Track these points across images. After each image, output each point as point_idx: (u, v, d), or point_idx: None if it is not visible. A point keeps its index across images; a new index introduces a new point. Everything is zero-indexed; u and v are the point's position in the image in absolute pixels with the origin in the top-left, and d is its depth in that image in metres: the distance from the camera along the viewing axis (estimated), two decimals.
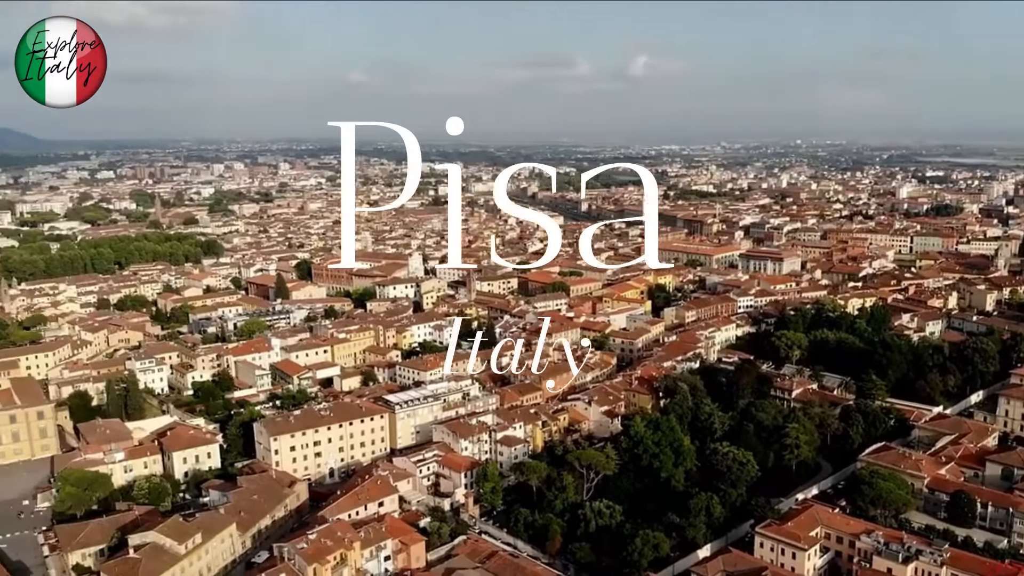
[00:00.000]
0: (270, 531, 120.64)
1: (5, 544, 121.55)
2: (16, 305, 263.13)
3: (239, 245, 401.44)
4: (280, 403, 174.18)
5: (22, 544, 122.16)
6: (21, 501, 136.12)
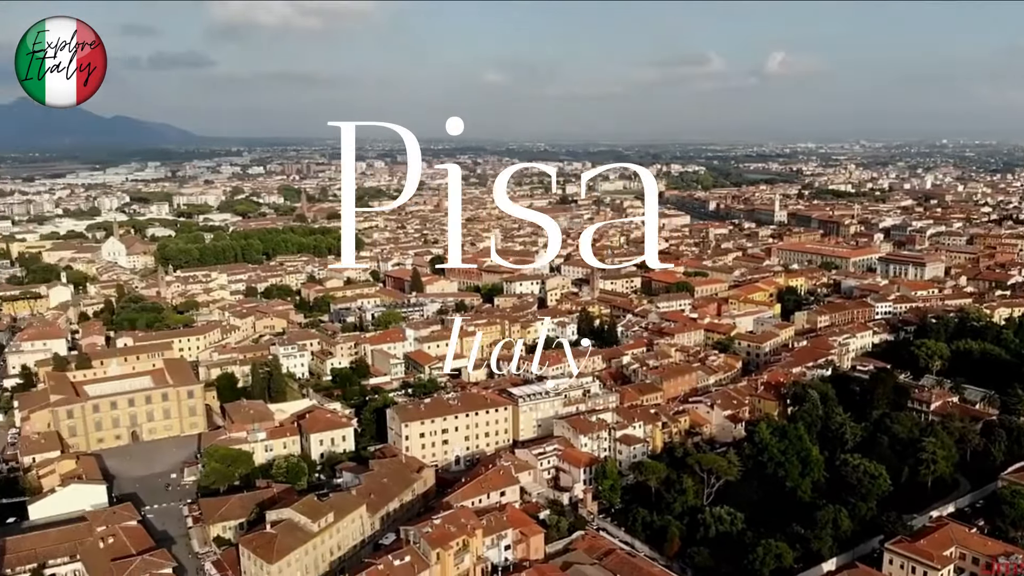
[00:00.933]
0: (398, 514, 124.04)
1: (152, 514, 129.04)
2: (172, 291, 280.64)
3: (378, 240, 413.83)
4: (412, 391, 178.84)
5: (168, 515, 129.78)
6: (169, 474, 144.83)
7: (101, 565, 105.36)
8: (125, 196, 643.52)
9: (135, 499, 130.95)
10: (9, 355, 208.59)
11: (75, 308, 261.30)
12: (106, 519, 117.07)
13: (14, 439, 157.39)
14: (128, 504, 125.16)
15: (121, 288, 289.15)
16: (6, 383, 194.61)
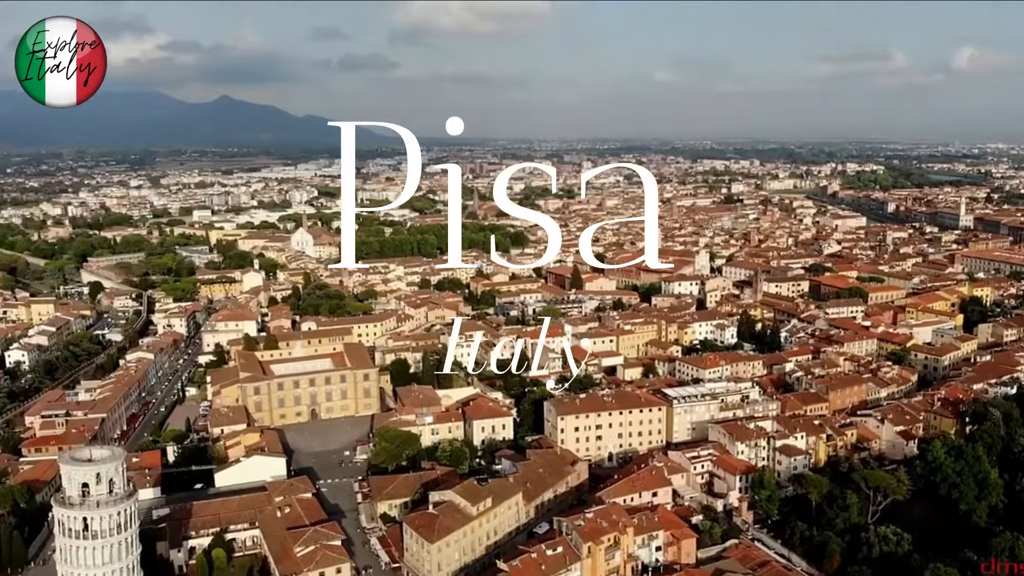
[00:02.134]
0: (551, 504, 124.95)
1: (326, 488, 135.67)
2: (353, 280, 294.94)
3: (542, 237, 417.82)
4: (568, 386, 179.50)
5: (340, 490, 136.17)
6: (343, 451, 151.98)
7: (277, 533, 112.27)
8: (314, 190, 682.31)
9: (311, 473, 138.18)
10: (205, 334, 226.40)
11: (265, 293, 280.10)
12: (284, 490, 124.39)
13: (206, 411, 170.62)
14: (304, 477, 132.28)
15: (307, 276, 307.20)
16: (201, 359, 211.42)
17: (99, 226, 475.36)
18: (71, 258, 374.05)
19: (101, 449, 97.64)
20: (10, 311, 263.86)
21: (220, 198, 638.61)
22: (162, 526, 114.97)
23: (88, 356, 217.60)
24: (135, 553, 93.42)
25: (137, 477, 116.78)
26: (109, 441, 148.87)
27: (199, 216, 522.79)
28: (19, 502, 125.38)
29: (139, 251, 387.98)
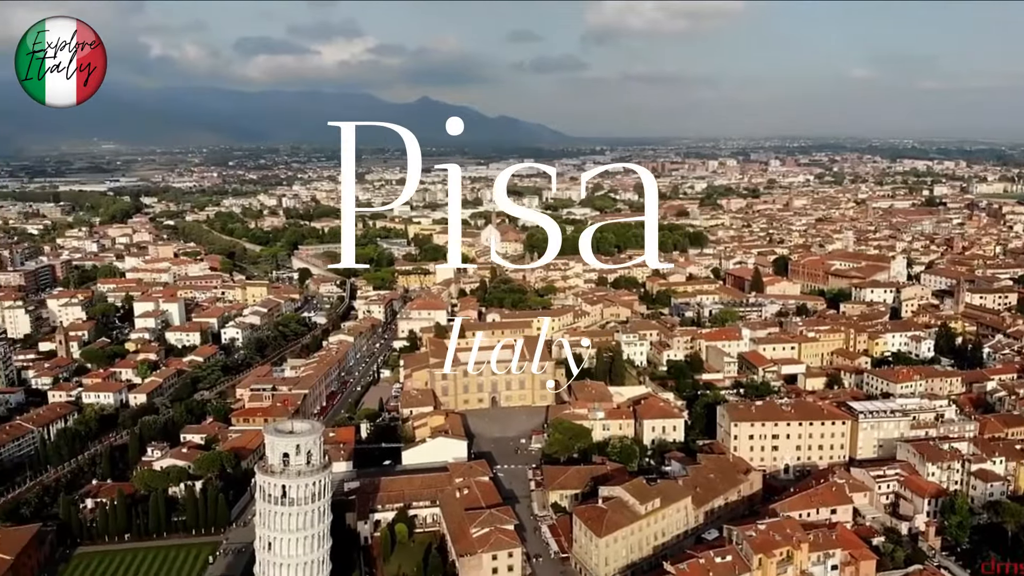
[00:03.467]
0: (721, 512, 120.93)
1: (502, 473, 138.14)
2: (535, 276, 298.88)
3: (722, 238, 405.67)
4: (743, 391, 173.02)
5: (515, 476, 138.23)
6: (519, 439, 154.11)
7: (456, 512, 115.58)
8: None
9: (489, 458, 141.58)
10: (400, 321, 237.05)
11: (456, 285, 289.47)
12: (464, 472, 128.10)
13: (397, 393, 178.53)
14: (483, 461, 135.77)
15: (494, 270, 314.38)
16: (396, 344, 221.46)
17: (309, 217, 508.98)
18: (283, 246, 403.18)
19: (302, 423, 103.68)
20: (228, 292, 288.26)
21: (418, 195, 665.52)
22: (352, 498, 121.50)
23: (295, 336, 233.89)
24: (326, 521, 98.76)
25: (332, 451, 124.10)
26: (309, 416, 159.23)
27: (399, 211, 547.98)
28: (226, 467, 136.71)
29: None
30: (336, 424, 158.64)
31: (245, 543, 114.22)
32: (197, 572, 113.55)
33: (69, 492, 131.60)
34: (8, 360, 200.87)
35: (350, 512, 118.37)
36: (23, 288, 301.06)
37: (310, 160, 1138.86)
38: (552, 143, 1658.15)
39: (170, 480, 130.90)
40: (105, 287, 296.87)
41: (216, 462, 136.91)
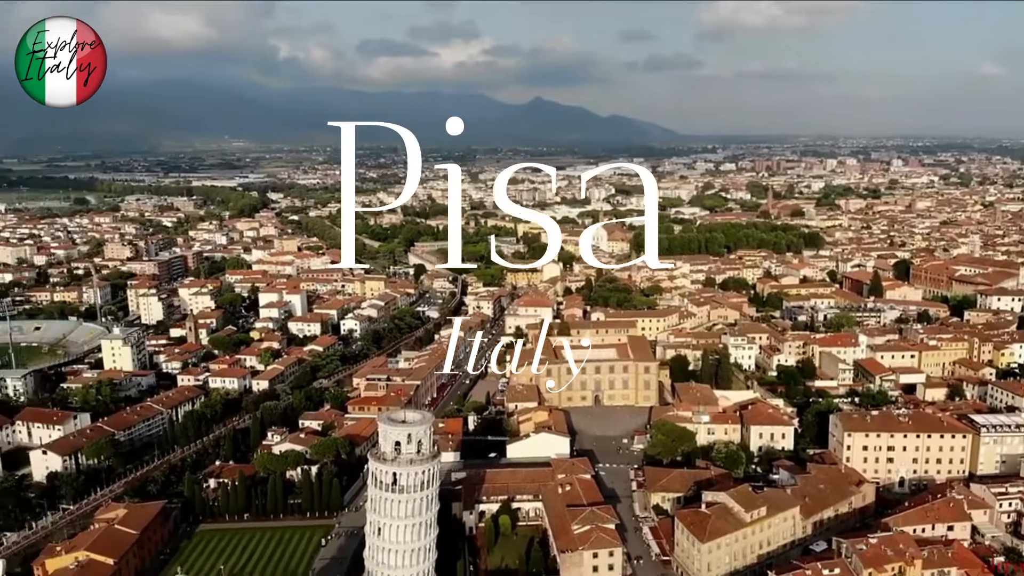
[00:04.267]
0: (831, 523, 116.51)
1: (604, 472, 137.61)
2: (641, 275, 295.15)
3: (840, 239, 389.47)
4: (858, 400, 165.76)
5: (616, 475, 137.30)
6: (621, 439, 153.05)
7: (557, 508, 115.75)
8: (611, 188, 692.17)
9: (591, 455, 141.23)
10: (508, 317, 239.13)
11: (562, 283, 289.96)
12: (566, 468, 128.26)
13: (503, 387, 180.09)
14: (585, 459, 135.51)
15: (600, 270, 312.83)
16: (503, 339, 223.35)
17: (425, 215, 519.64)
18: (400, 242, 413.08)
19: (414, 412, 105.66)
20: (347, 285, 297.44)
21: (528, 194, 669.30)
22: (458, 488, 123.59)
23: (409, 329, 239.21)
24: (434, 510, 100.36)
25: (441, 441, 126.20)
26: (421, 406, 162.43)
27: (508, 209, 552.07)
28: (341, 453, 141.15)
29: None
30: (445, 415, 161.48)
31: (356, 528, 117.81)
32: (310, 553, 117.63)
33: (194, 471, 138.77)
34: (142, 345, 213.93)
35: (456, 502, 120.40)
36: (157, 277, 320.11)
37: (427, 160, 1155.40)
38: (663, 141, 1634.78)
39: (288, 464, 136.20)
40: (233, 278, 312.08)
41: (332, 448, 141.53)
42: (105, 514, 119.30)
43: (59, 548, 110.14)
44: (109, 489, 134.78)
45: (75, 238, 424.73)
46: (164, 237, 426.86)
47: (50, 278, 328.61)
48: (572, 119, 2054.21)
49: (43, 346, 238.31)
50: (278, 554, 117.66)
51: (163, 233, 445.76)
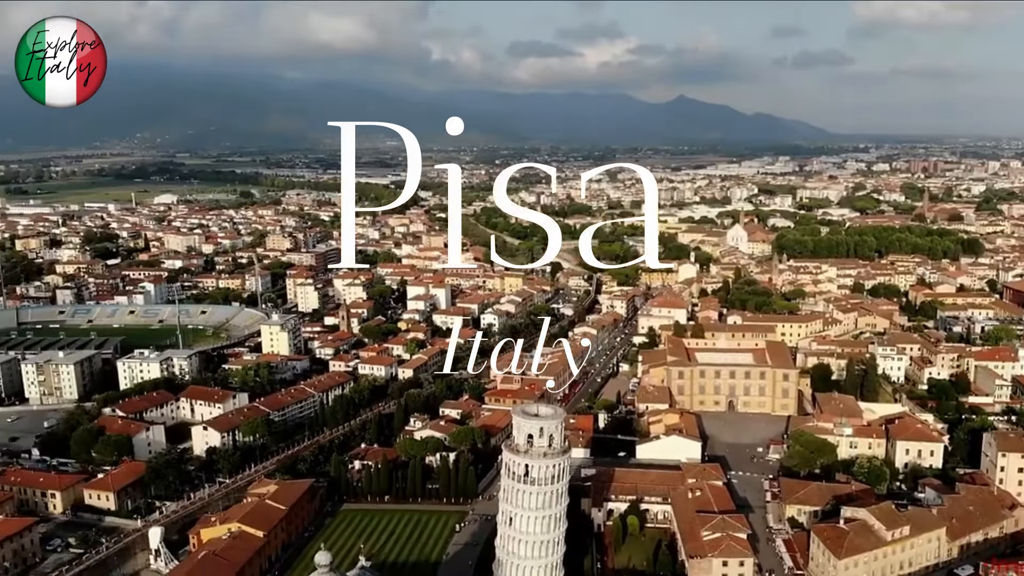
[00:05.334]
0: (979, 547, 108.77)
1: (736, 480, 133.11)
2: (782, 278, 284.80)
3: (1002, 247, 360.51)
4: (1015, 419, 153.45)
5: (749, 484, 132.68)
6: (756, 447, 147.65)
7: (687, 513, 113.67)
8: (754, 187, 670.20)
9: (723, 462, 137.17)
10: (641, 317, 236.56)
11: (697, 284, 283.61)
12: (697, 473, 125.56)
13: (634, 387, 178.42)
14: (717, 465, 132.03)
15: (738, 271, 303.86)
16: (635, 340, 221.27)
17: (564, 214, 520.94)
18: (538, 240, 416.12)
19: (547, 407, 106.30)
20: (488, 281, 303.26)
21: (666, 193, 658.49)
22: (588, 484, 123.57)
23: None
24: (563, 504, 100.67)
25: (572, 437, 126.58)
26: (553, 401, 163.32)
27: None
28: (477, 442, 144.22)
29: (594, 238, 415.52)
30: (576, 412, 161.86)
31: (489, 515, 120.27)
32: (445, 537, 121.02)
33: (340, 453, 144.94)
34: (298, 331, 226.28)
35: (585, 498, 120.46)
36: (313, 268, 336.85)
37: (568, 159, 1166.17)
38: (811, 140, 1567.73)
39: (428, 449, 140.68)
40: (383, 271, 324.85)
41: (469, 437, 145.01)
42: (257, 489, 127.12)
43: (214, 519, 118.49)
44: (262, 465, 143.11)
45: (240, 229, 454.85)
46: (321, 230, 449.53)
47: (216, 266, 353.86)
48: (715, 117, 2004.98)
49: (208, 329, 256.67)
50: (415, 536, 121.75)
51: (320, 226, 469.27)
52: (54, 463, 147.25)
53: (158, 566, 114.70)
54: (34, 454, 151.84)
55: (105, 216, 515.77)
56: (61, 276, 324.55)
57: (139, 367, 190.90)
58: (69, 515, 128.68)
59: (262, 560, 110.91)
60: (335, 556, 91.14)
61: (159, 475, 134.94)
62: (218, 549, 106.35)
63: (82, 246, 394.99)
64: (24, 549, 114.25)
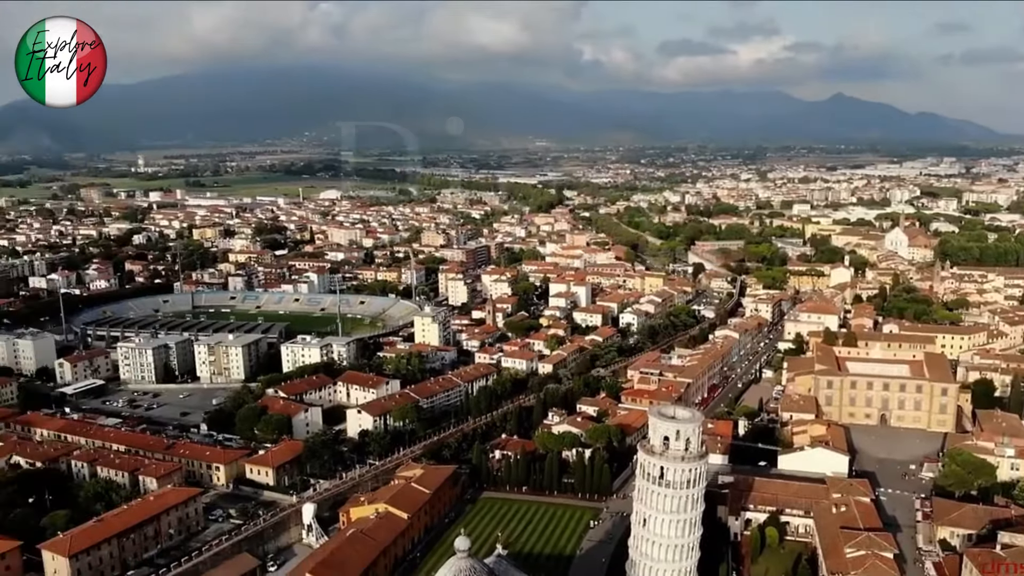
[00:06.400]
0: None
1: (885, 497, 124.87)
2: (944, 286, 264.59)
3: None
4: None
5: (899, 503, 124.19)
6: (908, 464, 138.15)
7: (830, 529, 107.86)
8: (916, 190, 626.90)
9: (872, 478, 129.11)
10: (788, 322, 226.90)
11: (851, 290, 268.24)
12: (843, 488, 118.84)
13: (778, 395, 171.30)
14: (865, 481, 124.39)
15: (896, 277, 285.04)
16: (780, 345, 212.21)
17: (708, 214, 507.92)
18: (682, 240, 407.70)
19: (684, 410, 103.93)
20: (628, 280, 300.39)
21: (820, 193, 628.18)
22: (725, 492, 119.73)
23: (684, 327, 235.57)
24: (699, 509, 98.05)
25: (709, 441, 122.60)
26: (691, 404, 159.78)
27: (798, 210, 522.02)
28: (613, 440, 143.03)
29: (740, 239, 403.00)
30: (715, 417, 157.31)
31: (623, 514, 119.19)
32: (579, 533, 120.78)
33: (482, 442, 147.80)
34: (447, 323, 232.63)
35: (722, 505, 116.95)
36: (464, 264, 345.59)
37: (715, 158, 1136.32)
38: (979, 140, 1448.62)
39: (565, 444, 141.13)
40: (528, 268, 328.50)
41: (605, 434, 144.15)
42: (404, 472, 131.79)
43: (363, 499, 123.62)
44: (410, 450, 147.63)
45: (398, 225, 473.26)
46: (472, 228, 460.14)
47: (375, 259, 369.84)
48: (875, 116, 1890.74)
49: (365, 318, 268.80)
50: (550, 529, 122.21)
51: (471, 224, 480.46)
52: (220, 438, 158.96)
53: (309, 540, 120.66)
54: (202, 429, 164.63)
55: (275, 209, 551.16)
56: (233, 264, 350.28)
57: (301, 352, 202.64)
58: (231, 488, 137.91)
59: (406, 541, 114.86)
60: (473, 542, 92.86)
61: (315, 454, 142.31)
62: (365, 528, 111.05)
63: (253, 237, 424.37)
64: (189, 517, 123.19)
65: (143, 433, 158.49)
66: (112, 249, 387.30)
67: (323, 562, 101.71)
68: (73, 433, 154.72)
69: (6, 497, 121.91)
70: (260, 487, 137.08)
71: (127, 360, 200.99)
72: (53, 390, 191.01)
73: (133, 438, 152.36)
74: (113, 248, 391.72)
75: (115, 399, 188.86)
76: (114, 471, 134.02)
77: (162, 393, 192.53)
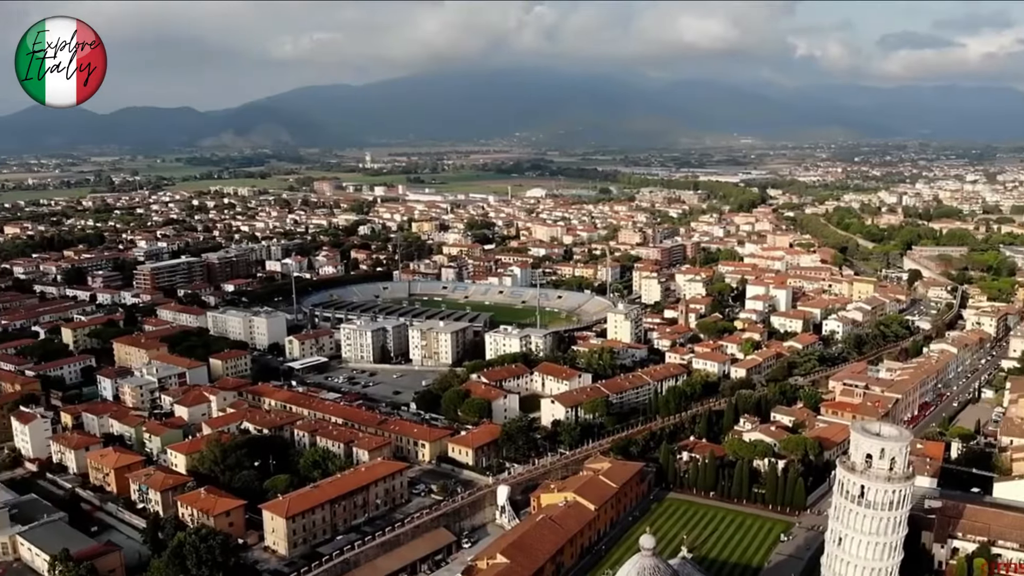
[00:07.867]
0: None
1: None
2: None
3: None
4: None
5: None
6: None
7: None
8: None
9: None
10: (1014, 338, 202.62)
11: None
12: None
13: (998, 418, 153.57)
14: None
15: None
16: (1004, 363, 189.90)
17: (928, 217, 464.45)
18: (896, 244, 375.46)
19: (890, 427, 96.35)
20: (834, 285, 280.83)
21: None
22: (931, 517, 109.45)
23: (895, 338, 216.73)
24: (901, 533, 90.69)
25: (917, 463, 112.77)
26: (898, 421, 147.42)
27: None
28: (809, 453, 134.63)
29: (962, 245, 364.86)
30: (924, 437, 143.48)
31: (816, 530, 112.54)
32: (768, 545, 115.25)
33: (670, 442, 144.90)
34: (639, 321, 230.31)
35: (927, 531, 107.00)
36: (658, 263, 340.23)
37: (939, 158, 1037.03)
38: None
39: (756, 453, 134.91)
40: (724, 268, 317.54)
41: (801, 446, 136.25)
42: (593, 464, 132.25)
43: (553, 486, 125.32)
44: (598, 443, 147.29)
45: (596, 223, 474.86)
46: (669, 227, 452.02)
47: (573, 255, 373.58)
48: None
49: (562, 312, 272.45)
50: (737, 537, 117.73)
51: (668, 223, 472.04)
52: (427, 417, 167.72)
53: (502, 521, 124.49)
54: (411, 408, 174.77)
55: (485, 206, 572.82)
56: (446, 256, 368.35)
57: (502, 341, 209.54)
58: (434, 464, 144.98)
59: (592, 532, 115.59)
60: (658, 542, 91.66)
61: (511, 439, 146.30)
62: (554, 515, 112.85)
63: (465, 231, 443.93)
64: (394, 489, 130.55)
65: (359, 408, 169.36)
66: (340, 238, 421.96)
67: (514, 544, 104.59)
68: (297, 404, 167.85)
69: (235, 459, 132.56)
70: (460, 466, 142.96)
71: (348, 340, 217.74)
72: (282, 364, 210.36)
73: (350, 412, 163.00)
74: (341, 237, 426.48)
75: (336, 375, 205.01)
76: (331, 442, 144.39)
77: (378, 372, 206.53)
